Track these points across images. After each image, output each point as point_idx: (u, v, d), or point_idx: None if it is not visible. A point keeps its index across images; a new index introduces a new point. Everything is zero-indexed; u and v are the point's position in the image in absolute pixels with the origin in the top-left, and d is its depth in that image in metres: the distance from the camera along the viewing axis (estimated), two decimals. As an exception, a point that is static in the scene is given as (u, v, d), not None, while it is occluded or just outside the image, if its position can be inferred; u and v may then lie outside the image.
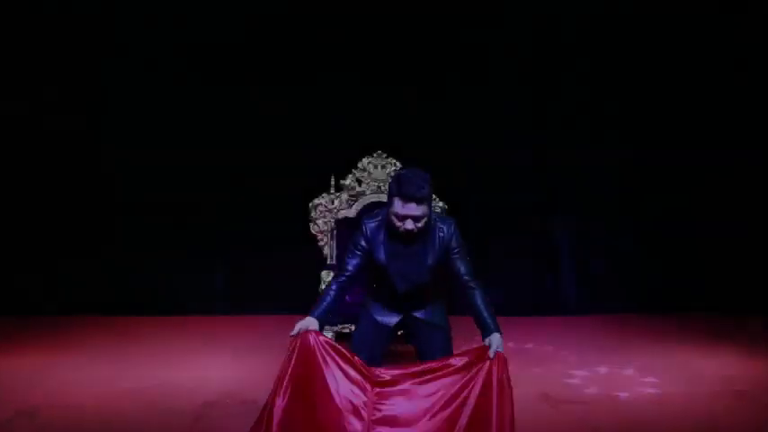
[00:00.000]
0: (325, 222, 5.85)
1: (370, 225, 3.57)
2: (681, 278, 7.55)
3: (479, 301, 3.48)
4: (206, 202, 7.39)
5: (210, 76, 7.36)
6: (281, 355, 5.71)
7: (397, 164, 6.00)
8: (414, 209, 3.37)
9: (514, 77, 7.48)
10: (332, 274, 5.34)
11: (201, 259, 7.45)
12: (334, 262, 5.84)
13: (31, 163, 7.29)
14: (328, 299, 3.50)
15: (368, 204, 5.92)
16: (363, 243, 3.54)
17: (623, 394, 4.79)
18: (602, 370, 5.39)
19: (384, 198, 5.86)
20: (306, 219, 5.88)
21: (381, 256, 3.51)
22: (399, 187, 3.37)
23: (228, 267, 7.47)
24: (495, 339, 3.32)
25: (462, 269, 3.54)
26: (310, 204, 5.87)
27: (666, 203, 7.61)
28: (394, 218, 3.42)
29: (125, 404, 4.59)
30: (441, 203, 5.92)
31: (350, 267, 3.54)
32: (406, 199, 3.35)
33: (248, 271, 7.45)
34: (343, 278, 3.54)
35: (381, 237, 3.52)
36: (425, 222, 3.43)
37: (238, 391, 4.87)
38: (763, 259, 7.50)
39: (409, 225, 3.40)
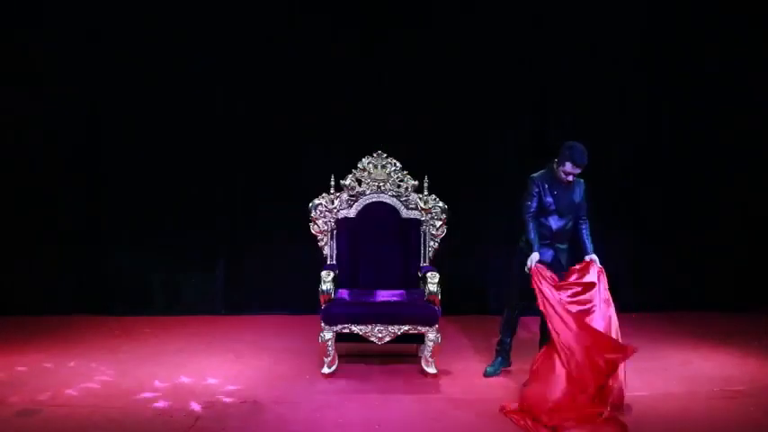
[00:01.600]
0: (326, 222, 5.86)
1: (537, 177, 5.23)
2: (680, 278, 7.55)
3: (585, 231, 5.35)
4: (206, 203, 7.39)
5: (209, 77, 7.35)
6: (281, 355, 5.75)
7: (397, 164, 6.00)
8: (578, 171, 5.12)
9: (512, 77, 7.49)
10: (332, 274, 5.36)
11: (201, 259, 7.44)
12: (334, 262, 5.85)
13: (30, 163, 7.30)
14: (534, 231, 5.17)
15: (368, 204, 5.93)
16: (536, 189, 5.18)
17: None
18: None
19: (385, 198, 5.92)
20: (306, 219, 5.90)
21: (549, 197, 5.18)
22: (575, 157, 5.04)
23: (228, 267, 7.46)
24: (595, 257, 5.24)
25: (583, 209, 5.35)
26: (310, 204, 5.87)
27: (666, 203, 7.62)
28: (563, 174, 5.12)
29: (125, 404, 4.59)
30: (441, 204, 5.93)
31: (532, 208, 5.19)
32: (578, 165, 5.06)
33: (248, 271, 7.45)
34: (531, 214, 5.19)
35: (546, 184, 5.18)
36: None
37: (238, 391, 4.88)
38: (764, 259, 7.51)
39: (570, 178, 5.15)
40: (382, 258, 5.85)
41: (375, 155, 5.97)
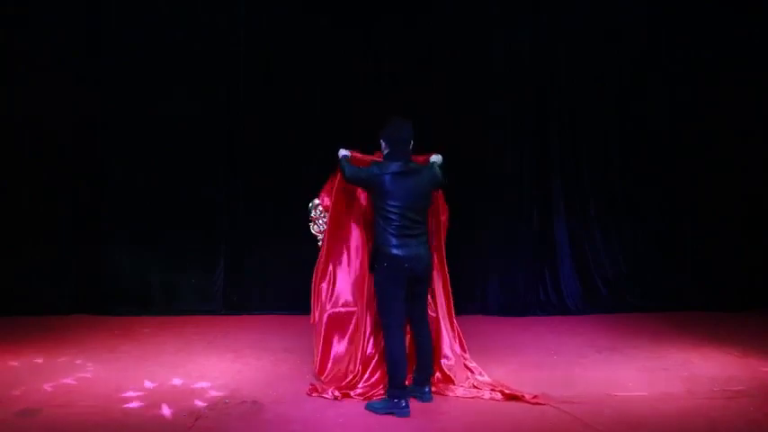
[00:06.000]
0: (325, 222, 5.84)
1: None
2: (680, 278, 7.55)
3: None
4: (206, 203, 7.40)
5: (210, 77, 7.36)
6: (281, 355, 5.75)
7: (397, 164, 5.99)
8: None
9: (512, 77, 7.49)
10: (332, 274, 5.35)
11: (201, 259, 7.45)
12: (334, 262, 5.83)
13: (29, 163, 7.29)
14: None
15: (368, 204, 5.91)
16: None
17: (623, 394, 4.79)
18: (602, 369, 5.39)
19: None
20: (306, 219, 5.89)
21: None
22: None
23: (228, 267, 7.46)
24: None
25: None
26: (310, 204, 5.85)
27: (666, 203, 7.62)
28: None
29: (125, 404, 4.59)
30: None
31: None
32: None
33: (248, 271, 7.45)
34: None
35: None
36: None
37: (238, 391, 4.87)
38: (764, 258, 7.51)
39: None
40: (382, 258, 5.81)
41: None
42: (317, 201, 5.86)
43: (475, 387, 4.79)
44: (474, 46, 7.43)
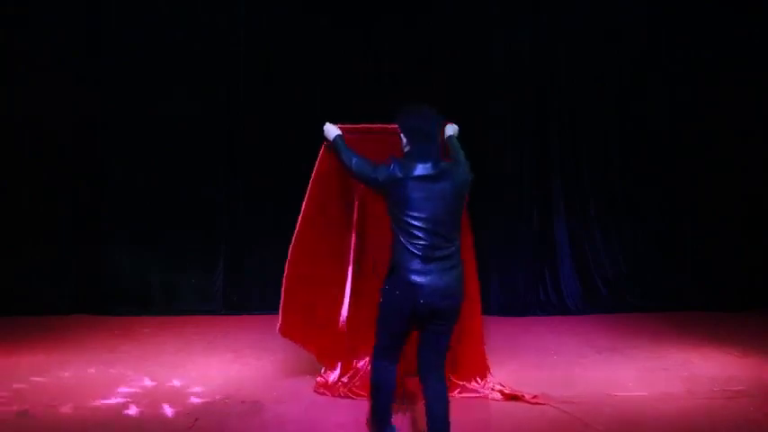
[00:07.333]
0: (322, 224, 5.83)
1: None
2: (680, 278, 7.54)
3: None
4: (206, 203, 7.40)
5: (210, 77, 7.36)
6: (281, 355, 5.75)
7: (397, 164, 5.99)
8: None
9: (512, 76, 7.49)
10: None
11: (201, 259, 7.44)
12: (333, 261, 5.82)
13: (29, 163, 7.28)
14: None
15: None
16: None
17: (623, 394, 4.79)
18: (602, 369, 5.39)
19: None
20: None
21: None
22: None
23: (228, 267, 7.46)
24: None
25: None
26: (311, 204, 5.86)
27: (666, 203, 7.62)
28: None
29: (125, 404, 4.59)
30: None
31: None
32: None
33: (248, 271, 7.45)
34: None
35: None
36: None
37: (238, 391, 4.87)
38: (764, 258, 7.51)
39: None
40: (382, 258, 5.80)
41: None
42: (316, 201, 5.85)
43: (475, 387, 4.79)
44: (474, 46, 7.43)
